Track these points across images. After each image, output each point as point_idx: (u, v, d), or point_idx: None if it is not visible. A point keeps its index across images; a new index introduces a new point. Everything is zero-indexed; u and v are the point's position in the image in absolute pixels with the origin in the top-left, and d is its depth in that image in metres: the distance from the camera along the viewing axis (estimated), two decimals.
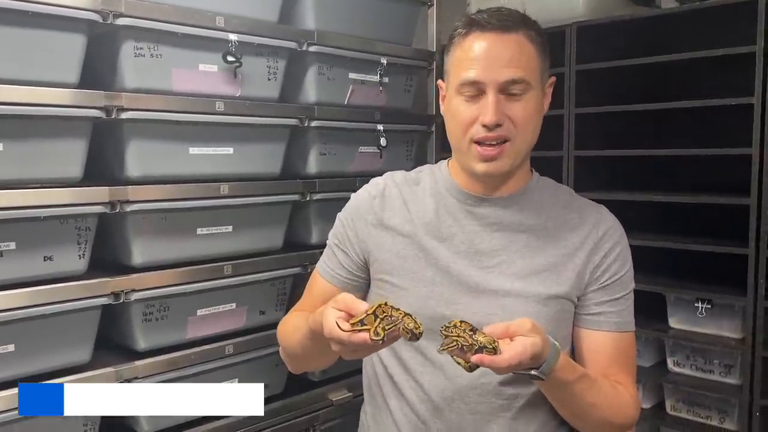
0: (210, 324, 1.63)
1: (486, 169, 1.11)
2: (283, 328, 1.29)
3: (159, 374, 1.51)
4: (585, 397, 1.08)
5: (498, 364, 0.93)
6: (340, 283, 1.26)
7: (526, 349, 0.94)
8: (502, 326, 0.97)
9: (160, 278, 1.51)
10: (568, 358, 1.05)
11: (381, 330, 0.93)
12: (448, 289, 1.15)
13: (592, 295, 1.16)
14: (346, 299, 0.98)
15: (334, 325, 0.94)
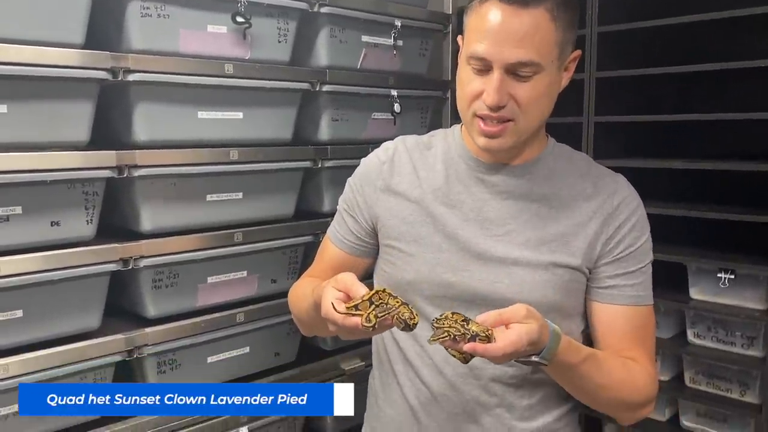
0: (221, 292, 1.61)
1: (487, 144, 1.07)
2: (292, 293, 1.28)
3: (169, 341, 1.49)
4: (593, 378, 1.05)
5: (492, 353, 0.90)
6: (350, 249, 1.24)
7: (521, 337, 0.91)
8: (495, 314, 0.94)
9: (169, 245, 1.48)
10: (570, 341, 1.02)
11: (373, 317, 0.92)
12: (455, 256, 1.12)
13: (604, 268, 1.11)
14: (347, 280, 0.97)
15: (330, 305, 0.94)
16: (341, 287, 0.97)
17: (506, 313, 0.94)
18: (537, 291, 1.08)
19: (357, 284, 0.97)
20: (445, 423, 1.14)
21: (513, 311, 0.94)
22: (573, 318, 1.14)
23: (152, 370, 1.49)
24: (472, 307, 1.10)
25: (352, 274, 0.99)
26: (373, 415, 1.28)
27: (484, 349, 0.90)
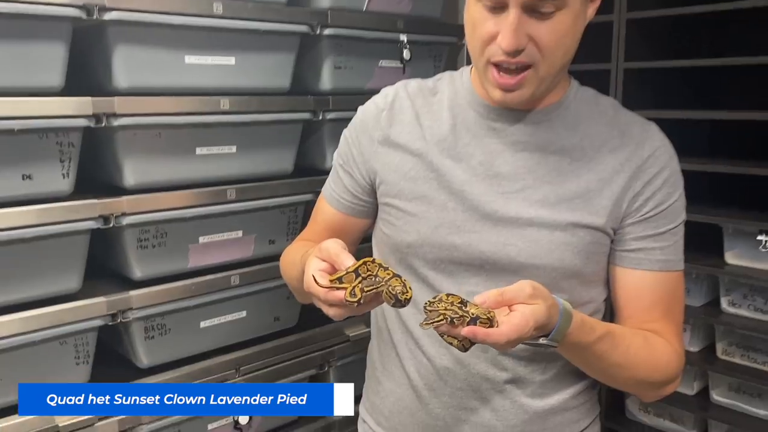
0: (214, 253, 1.50)
1: (503, 98, 0.94)
2: (284, 259, 1.17)
3: (156, 305, 1.39)
4: (610, 357, 0.93)
5: (494, 338, 0.78)
6: (346, 209, 1.11)
7: (527, 320, 0.80)
8: (495, 293, 0.82)
9: (155, 201, 1.37)
10: (584, 319, 0.90)
11: (358, 291, 0.81)
12: (461, 216, 0.99)
13: (630, 229, 0.98)
14: (331, 249, 0.86)
15: (312, 278, 0.84)
16: (326, 257, 0.86)
17: (509, 292, 0.82)
18: (554, 255, 0.96)
19: (343, 254, 0.85)
20: (449, 400, 1.03)
21: (516, 290, 0.82)
22: (594, 285, 1.01)
23: (139, 336, 1.40)
24: (479, 273, 0.98)
25: (338, 242, 0.88)
26: (372, 389, 1.17)
27: (485, 335, 0.78)
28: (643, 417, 1.85)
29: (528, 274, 0.96)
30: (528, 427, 1.02)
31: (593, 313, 1.02)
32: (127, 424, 1.35)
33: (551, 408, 1.02)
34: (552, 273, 0.96)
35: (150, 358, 1.43)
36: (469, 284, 0.98)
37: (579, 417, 1.07)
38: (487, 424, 1.02)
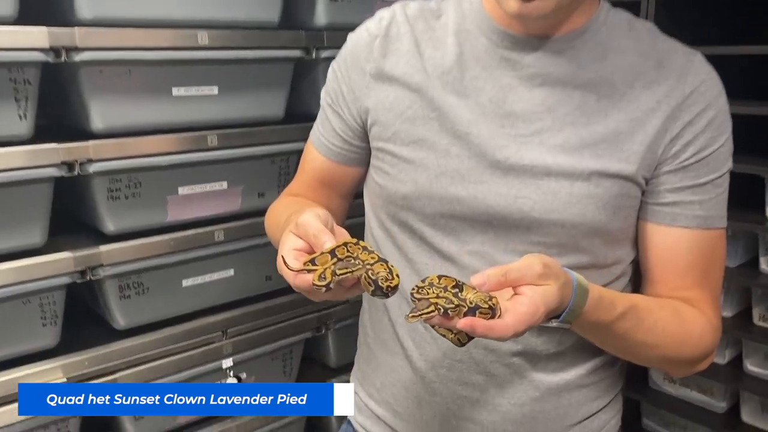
0: (196, 206, 1.37)
1: (520, 10, 0.77)
2: (268, 219, 1.03)
3: (130, 262, 1.27)
4: (633, 335, 0.80)
5: (498, 332, 0.65)
6: (336, 156, 0.97)
7: (536, 307, 0.66)
8: (497, 273, 0.67)
9: (125, 147, 1.23)
10: (601, 294, 0.76)
11: (329, 273, 0.68)
12: (466, 163, 0.84)
13: (666, 178, 0.83)
14: (309, 227, 0.72)
15: (281, 259, 0.71)
16: (302, 235, 0.72)
17: (514, 271, 0.68)
18: (574, 209, 0.81)
19: (322, 233, 0.71)
20: (447, 373, 0.89)
21: (523, 268, 0.68)
22: (621, 244, 0.87)
23: (113, 294, 1.28)
24: (486, 230, 0.84)
25: (318, 217, 0.73)
26: (363, 357, 1.03)
27: (486, 328, 0.64)
28: (668, 387, 1.70)
29: (543, 232, 0.82)
30: (539, 406, 0.88)
31: (620, 277, 0.88)
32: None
33: (566, 384, 0.89)
34: (571, 231, 0.81)
35: (126, 319, 1.31)
36: (473, 243, 0.84)
37: (598, 394, 0.93)
38: (491, 402, 0.88)
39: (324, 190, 1.02)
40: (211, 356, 1.40)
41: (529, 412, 0.88)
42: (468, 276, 0.85)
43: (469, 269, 0.85)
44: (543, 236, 0.82)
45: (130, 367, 1.30)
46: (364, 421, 1.01)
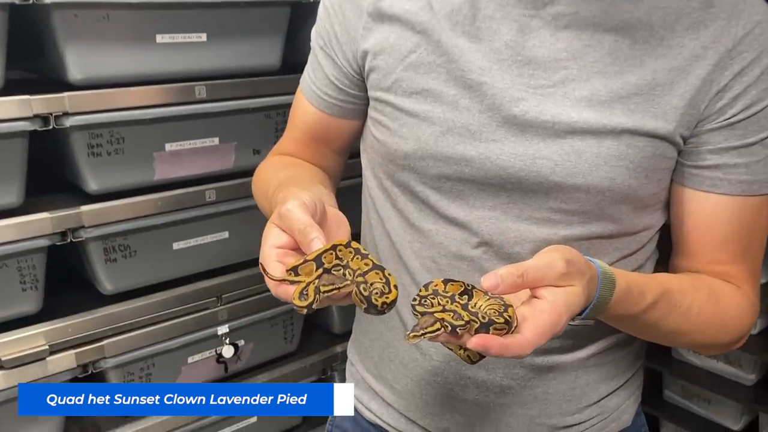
0: (185, 163, 1.27)
1: None
2: (255, 184, 0.93)
3: (115, 223, 1.19)
4: (664, 323, 0.72)
5: (516, 351, 0.56)
6: (329, 107, 0.87)
7: (558, 315, 0.58)
8: (512, 273, 0.57)
9: (104, 98, 1.14)
10: (629, 283, 0.66)
11: (311, 291, 0.59)
12: (477, 118, 0.73)
13: (709, 137, 0.72)
14: (293, 220, 0.61)
15: (264, 261, 0.62)
16: (287, 228, 0.62)
17: (532, 270, 0.58)
18: (601, 172, 0.71)
19: (308, 227, 0.61)
20: (451, 352, 0.80)
21: (543, 267, 0.59)
22: (651, 210, 0.77)
23: (98, 257, 1.20)
24: (498, 195, 0.74)
25: (302, 205, 0.63)
26: (360, 328, 0.95)
27: (502, 347, 0.55)
28: (693, 358, 1.60)
29: (564, 198, 0.72)
30: (552, 387, 0.79)
31: (646, 244, 0.78)
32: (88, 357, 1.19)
33: (581, 363, 0.80)
34: (597, 197, 0.71)
35: (114, 284, 1.24)
36: (483, 209, 0.75)
37: (617, 372, 0.83)
38: (498, 385, 0.79)
39: (317, 147, 0.91)
40: (206, 323, 1.32)
41: (541, 393, 0.79)
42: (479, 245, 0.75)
43: (481, 235, 0.75)
44: (563, 203, 0.72)
45: (118, 334, 1.23)
46: (360, 395, 0.93)
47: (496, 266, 0.74)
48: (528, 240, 0.74)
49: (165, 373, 1.31)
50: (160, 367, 1.30)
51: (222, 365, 1.37)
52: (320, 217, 0.65)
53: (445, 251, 0.78)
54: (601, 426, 0.84)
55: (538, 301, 0.58)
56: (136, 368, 1.27)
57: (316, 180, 0.84)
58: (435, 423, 0.83)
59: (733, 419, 1.55)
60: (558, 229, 0.74)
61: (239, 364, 1.42)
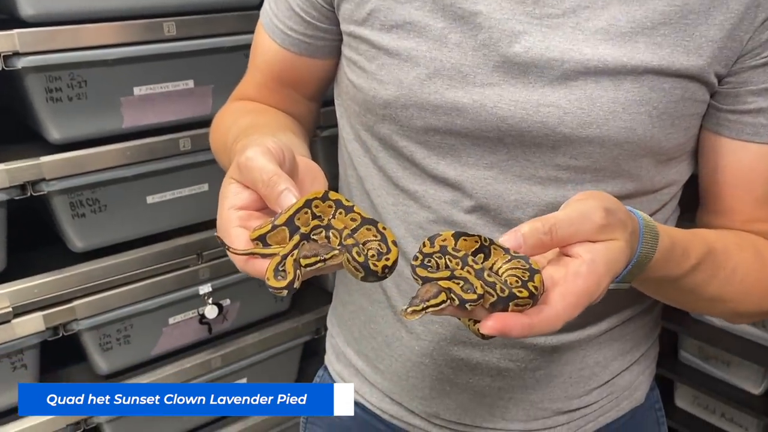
0: (158, 109, 1.17)
1: None
2: (213, 136, 0.83)
3: (78, 175, 1.09)
4: (706, 289, 0.61)
5: (543, 330, 0.45)
6: (296, 45, 0.74)
7: (598, 279, 0.47)
8: (540, 228, 0.46)
9: (60, 36, 1.02)
10: (675, 239, 0.55)
11: (290, 266, 0.47)
12: (470, 57, 0.61)
13: (751, 75, 0.60)
14: (255, 170, 0.50)
15: (223, 228, 0.51)
16: (248, 182, 0.51)
17: (564, 225, 0.47)
18: (619, 122, 0.59)
19: (276, 177, 0.50)
20: (440, 330, 0.70)
21: (577, 220, 0.47)
22: (676, 163, 0.65)
23: (64, 212, 1.11)
24: (497, 150, 0.62)
25: (266, 152, 0.51)
26: (340, 298, 0.85)
27: (526, 328, 0.44)
28: (713, 318, 1.49)
29: (574, 153, 0.60)
30: (557, 369, 0.70)
31: (667, 203, 0.67)
32: (58, 318, 1.11)
33: (590, 341, 0.70)
34: (613, 150, 0.60)
35: (84, 241, 1.15)
36: (478, 167, 0.63)
37: (631, 345, 0.74)
38: (495, 367, 0.69)
39: (284, 91, 0.79)
40: (186, 281, 1.24)
41: (543, 376, 0.69)
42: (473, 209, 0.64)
43: (476, 197, 0.64)
44: (573, 158, 0.61)
45: (90, 294, 1.14)
46: (341, 370, 0.83)
47: (493, 234, 0.64)
48: (531, 204, 0.63)
49: (145, 334, 1.23)
50: (139, 329, 1.22)
51: (206, 326, 1.29)
52: (290, 168, 0.54)
53: (434, 216, 0.67)
54: (611, 406, 0.74)
55: (571, 260, 0.47)
56: (113, 330, 1.19)
57: (285, 127, 0.72)
58: (423, 407, 0.74)
59: (753, 383, 1.45)
60: (566, 189, 0.63)
61: (226, 325, 1.34)
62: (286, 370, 1.44)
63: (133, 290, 1.18)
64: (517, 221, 0.63)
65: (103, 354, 1.20)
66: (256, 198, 0.51)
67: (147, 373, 1.25)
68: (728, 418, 1.51)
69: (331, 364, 0.85)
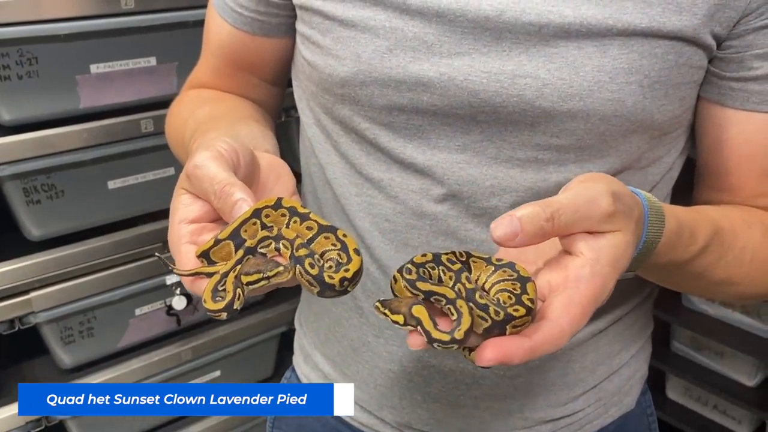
0: (118, 88, 1.10)
1: None
2: (169, 129, 0.76)
3: (31, 159, 1.02)
4: (712, 273, 0.56)
5: (548, 350, 0.39)
6: (248, 24, 0.67)
7: (604, 280, 0.41)
8: (540, 214, 0.40)
9: (5, 9, 0.95)
10: (681, 220, 0.50)
11: (230, 286, 0.43)
12: (435, 25, 0.54)
13: (755, 38, 0.54)
14: (205, 180, 0.45)
15: (173, 244, 0.47)
16: (199, 192, 0.46)
17: (567, 211, 0.41)
18: (606, 93, 0.53)
19: (227, 185, 0.44)
20: None
21: (582, 206, 0.41)
22: (670, 138, 0.59)
23: (17, 198, 1.05)
24: (469, 130, 0.56)
25: (217, 156, 0.46)
26: (305, 297, 0.78)
27: (527, 352, 0.38)
28: (705, 306, 1.43)
29: (556, 130, 0.54)
30: (539, 376, 0.64)
31: (659, 183, 0.61)
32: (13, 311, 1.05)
33: (579, 343, 0.64)
34: (600, 126, 0.53)
35: (40, 228, 1.09)
36: (449, 150, 0.57)
37: (623, 345, 0.68)
38: (470, 375, 0.63)
39: (242, 76, 0.72)
40: (151, 271, 1.18)
41: (523, 384, 0.63)
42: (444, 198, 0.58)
43: (447, 184, 0.58)
44: (555, 136, 0.54)
45: (48, 285, 1.08)
46: (309, 373, 0.76)
47: (467, 225, 0.58)
48: (508, 189, 0.57)
49: (109, 327, 1.17)
50: (103, 321, 1.16)
51: (174, 318, 1.23)
52: (247, 171, 0.48)
53: (401, 207, 0.60)
54: (598, 413, 0.68)
55: (570, 260, 0.41)
56: (74, 322, 1.13)
57: (246, 116, 0.65)
58: (393, 416, 0.68)
59: (747, 374, 1.40)
60: (548, 172, 0.56)
61: (196, 316, 1.28)
62: (261, 363, 1.39)
63: (95, 281, 1.12)
64: (493, 209, 0.57)
65: (65, 347, 1.14)
66: (209, 209, 0.46)
67: (113, 366, 1.20)
68: (721, 410, 1.46)
69: (299, 366, 0.79)
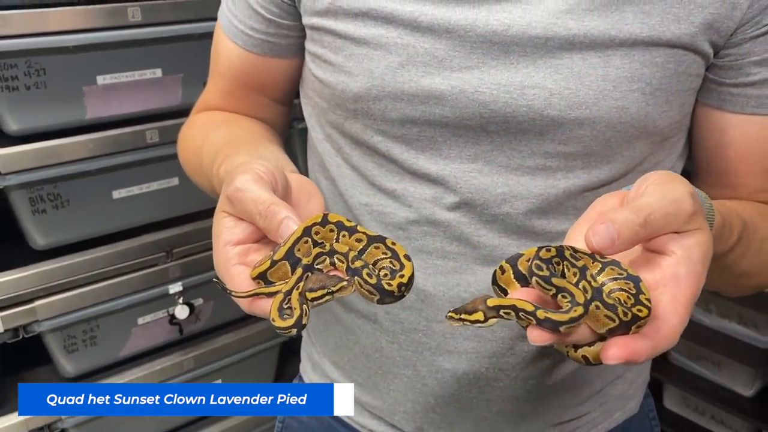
0: (123, 99, 1.11)
1: None
2: (183, 154, 0.77)
3: (37, 169, 1.03)
4: (739, 266, 0.57)
5: (664, 347, 0.40)
6: (258, 46, 0.69)
7: (699, 278, 0.41)
8: (633, 219, 0.41)
9: (14, 21, 0.96)
10: (723, 213, 0.51)
11: (296, 301, 0.44)
12: (444, 40, 0.56)
13: (752, 46, 0.57)
14: (250, 202, 0.46)
15: (221, 268, 0.47)
16: (243, 215, 0.47)
17: (658, 215, 0.41)
18: (610, 101, 0.55)
19: (273, 206, 0.45)
20: (425, 340, 0.65)
21: (671, 208, 0.42)
22: (672, 143, 0.61)
23: (24, 208, 1.05)
24: (479, 140, 0.58)
25: (257, 179, 0.47)
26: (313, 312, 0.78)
27: (650, 350, 0.39)
28: (702, 317, 1.45)
29: (564, 138, 0.56)
30: (550, 378, 0.66)
31: None
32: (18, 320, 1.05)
33: None
34: (605, 133, 0.56)
35: (46, 238, 1.09)
36: (461, 160, 0.59)
37: None
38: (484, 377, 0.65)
39: (253, 96, 0.73)
40: (155, 280, 1.18)
41: (534, 386, 0.64)
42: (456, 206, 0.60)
43: (460, 192, 0.59)
44: (563, 144, 0.56)
45: (53, 294, 1.09)
46: (317, 380, 0.78)
47: (480, 231, 0.60)
48: (519, 196, 0.59)
49: (112, 335, 1.18)
50: (106, 330, 1.17)
51: (176, 327, 1.24)
52: (283, 191, 0.49)
53: (415, 215, 0.62)
54: (603, 417, 0.70)
55: (662, 259, 0.42)
56: (78, 331, 1.14)
57: (261, 138, 0.67)
58: (405, 421, 0.69)
59: (744, 384, 1.41)
60: (556, 179, 0.58)
61: (199, 325, 1.28)
62: (263, 372, 1.40)
63: (99, 290, 1.13)
64: (504, 216, 0.59)
65: (68, 356, 1.15)
66: (253, 230, 0.47)
67: (116, 375, 1.20)
68: (718, 420, 1.47)
69: (306, 373, 0.80)
